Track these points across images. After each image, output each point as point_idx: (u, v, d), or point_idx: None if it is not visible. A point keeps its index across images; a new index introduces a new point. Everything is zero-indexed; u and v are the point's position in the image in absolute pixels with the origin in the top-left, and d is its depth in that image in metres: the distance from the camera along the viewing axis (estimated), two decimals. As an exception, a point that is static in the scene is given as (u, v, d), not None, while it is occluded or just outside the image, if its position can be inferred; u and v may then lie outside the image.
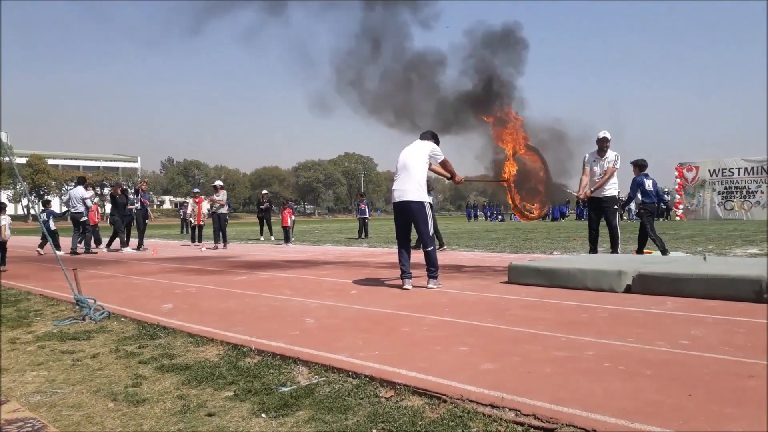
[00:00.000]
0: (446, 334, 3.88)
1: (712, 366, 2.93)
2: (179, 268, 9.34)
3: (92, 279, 7.72)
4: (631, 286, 5.44)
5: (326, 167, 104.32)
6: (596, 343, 3.50)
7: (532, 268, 6.26)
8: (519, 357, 3.21)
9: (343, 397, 2.68)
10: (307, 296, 5.78)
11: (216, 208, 15.04)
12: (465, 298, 5.52)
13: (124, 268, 9.51)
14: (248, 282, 7.16)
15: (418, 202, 6.14)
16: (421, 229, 6.22)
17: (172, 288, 6.74)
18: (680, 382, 2.66)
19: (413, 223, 6.26)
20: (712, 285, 4.97)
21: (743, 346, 3.31)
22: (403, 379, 2.82)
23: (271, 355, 3.45)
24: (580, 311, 4.60)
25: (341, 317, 4.62)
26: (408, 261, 6.30)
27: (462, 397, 2.55)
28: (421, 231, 6.23)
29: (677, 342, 3.46)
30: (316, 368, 3.14)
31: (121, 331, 4.42)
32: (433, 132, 6.66)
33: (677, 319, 4.17)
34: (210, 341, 3.90)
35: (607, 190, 7.88)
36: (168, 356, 3.58)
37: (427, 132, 6.62)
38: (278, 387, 2.86)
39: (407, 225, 6.34)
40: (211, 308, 5.22)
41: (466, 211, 55.73)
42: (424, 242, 6.23)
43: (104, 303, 5.15)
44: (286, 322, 4.44)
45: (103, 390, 2.94)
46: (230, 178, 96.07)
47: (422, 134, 6.59)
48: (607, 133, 7.95)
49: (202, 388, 2.91)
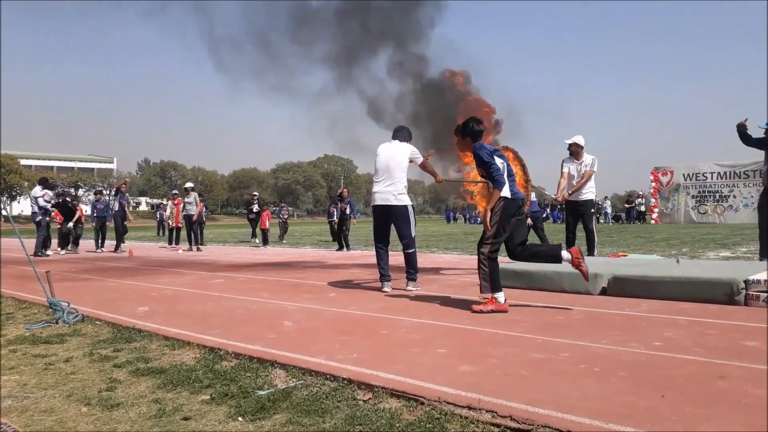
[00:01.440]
0: (424, 337, 3.89)
1: (685, 367, 2.98)
2: (156, 271, 9.23)
3: (66, 281, 7.59)
4: (607, 289, 5.51)
5: (305, 169, 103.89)
6: (572, 344, 3.54)
7: (509, 270, 6.30)
8: (496, 359, 3.23)
9: (321, 400, 2.68)
10: (285, 299, 5.75)
11: (187, 210, 14.97)
12: (443, 300, 5.54)
13: (100, 271, 9.37)
14: (226, 284, 7.10)
15: (402, 206, 6.17)
16: (403, 232, 6.23)
17: (148, 290, 6.66)
18: (654, 384, 2.71)
19: (396, 226, 6.28)
20: (685, 287, 5.06)
21: (715, 348, 3.38)
22: (381, 381, 2.82)
23: (248, 358, 3.43)
24: (557, 313, 4.65)
25: (319, 320, 4.61)
26: (387, 263, 6.30)
27: (439, 399, 2.56)
28: (403, 233, 6.24)
29: (651, 344, 3.51)
30: (294, 371, 3.13)
31: (96, 334, 4.35)
32: (406, 129, 6.64)
33: (651, 321, 4.23)
34: (186, 344, 3.86)
35: (585, 194, 7.97)
36: (143, 360, 3.53)
37: (403, 131, 6.57)
38: (255, 390, 2.84)
39: (387, 227, 6.36)
40: (188, 311, 5.17)
41: (445, 214, 55.96)
42: (406, 244, 6.25)
43: (78, 306, 5.06)
44: (263, 325, 4.41)
45: (76, 394, 2.89)
46: (208, 179, 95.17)
47: (398, 132, 6.53)
48: (577, 139, 8.01)
49: (178, 392, 2.88)
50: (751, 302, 4.73)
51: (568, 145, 8.05)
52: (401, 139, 6.48)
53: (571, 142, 8.00)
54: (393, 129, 6.67)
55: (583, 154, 8.00)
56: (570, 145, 8.02)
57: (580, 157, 8.00)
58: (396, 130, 6.59)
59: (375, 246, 6.42)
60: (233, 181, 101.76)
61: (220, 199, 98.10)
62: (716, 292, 4.89)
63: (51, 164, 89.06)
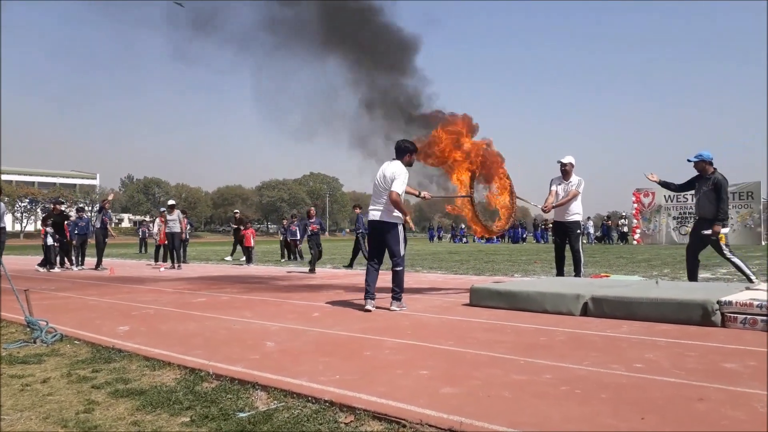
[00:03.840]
0: (408, 358, 3.89)
1: (665, 389, 3.01)
2: (137, 289, 9.13)
3: (46, 300, 7.47)
4: (588, 310, 5.56)
5: (290, 186, 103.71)
6: (554, 366, 3.56)
7: (493, 290, 6.34)
8: (479, 381, 3.24)
9: (302, 422, 2.66)
10: (268, 318, 5.72)
11: (169, 228, 14.81)
12: (427, 320, 5.54)
13: (80, 289, 9.24)
14: (208, 304, 7.04)
15: (391, 222, 6.25)
16: (392, 249, 6.28)
17: (129, 309, 6.58)
18: (634, 406, 2.73)
19: (386, 243, 6.33)
20: (663, 309, 5.12)
21: (694, 370, 3.41)
22: (363, 404, 2.81)
23: (230, 379, 3.40)
24: (539, 334, 4.67)
25: (302, 340, 4.58)
26: (373, 281, 6.35)
27: (421, 421, 2.55)
28: (392, 251, 6.29)
29: (632, 365, 3.54)
30: (275, 393, 3.10)
31: (74, 354, 4.29)
32: (406, 145, 6.52)
33: (632, 343, 4.27)
34: (167, 365, 3.82)
35: (572, 215, 8.08)
36: (122, 380, 3.48)
37: (400, 149, 6.48)
38: (236, 412, 2.81)
39: (380, 244, 6.42)
40: (170, 331, 5.11)
41: (428, 233, 56.01)
42: (395, 262, 6.29)
43: (57, 325, 4.99)
44: (245, 345, 4.38)
45: (53, 416, 2.85)
46: (191, 196, 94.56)
47: (397, 149, 6.49)
48: (569, 159, 8.18)
49: (158, 414, 2.85)
50: (728, 324, 4.79)
51: (563, 164, 8.17)
52: (400, 157, 6.45)
53: (567, 162, 8.14)
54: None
55: (572, 175, 8.14)
56: (565, 164, 8.15)
57: (569, 177, 8.13)
58: (396, 149, 6.54)
59: (367, 262, 6.53)
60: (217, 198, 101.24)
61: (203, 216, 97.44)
62: (693, 313, 4.95)
63: (32, 180, 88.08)
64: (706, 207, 7.54)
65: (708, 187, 7.49)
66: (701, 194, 7.58)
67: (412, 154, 6.56)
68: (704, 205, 7.57)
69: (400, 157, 6.45)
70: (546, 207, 8.17)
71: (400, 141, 6.62)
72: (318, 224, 14.31)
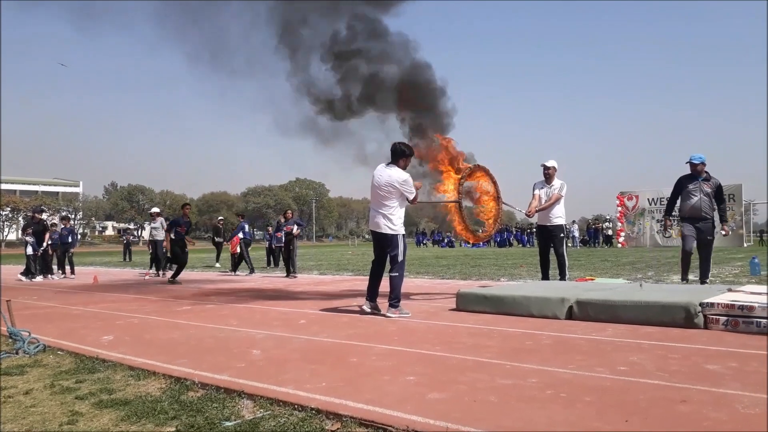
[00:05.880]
0: (394, 364, 3.89)
1: (648, 392, 3.04)
2: (121, 298, 9.04)
3: (28, 310, 7.38)
4: (573, 313, 5.60)
5: (276, 192, 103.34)
6: (539, 370, 3.59)
7: (479, 295, 6.37)
8: (465, 386, 3.25)
9: (289, 430, 2.65)
10: (254, 326, 5.69)
11: (153, 236, 14.76)
12: (414, 326, 5.55)
13: (63, 298, 9.14)
14: (193, 312, 6.99)
15: (391, 234, 6.28)
16: (391, 255, 6.33)
17: (113, 318, 6.52)
18: (618, 408, 2.76)
19: (386, 249, 6.38)
20: (647, 311, 5.18)
21: (677, 372, 3.45)
22: (350, 410, 2.81)
23: (216, 388, 3.38)
24: (525, 338, 4.70)
25: (289, 348, 4.57)
26: (375, 284, 6.44)
27: (408, 427, 2.56)
28: (391, 257, 6.33)
29: (616, 368, 3.58)
30: (262, 402, 3.09)
31: (57, 365, 4.24)
32: (403, 149, 6.43)
33: (616, 346, 4.31)
34: (152, 375, 3.79)
35: (555, 219, 8.14)
36: (107, 391, 3.45)
37: (398, 153, 6.37)
38: (222, 422, 2.80)
39: (382, 251, 6.46)
40: (154, 340, 5.07)
41: (415, 238, 56.05)
42: (393, 267, 6.31)
43: (40, 335, 4.93)
44: (231, 353, 4.36)
45: (36, 428, 2.81)
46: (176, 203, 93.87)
47: (393, 155, 6.39)
48: (552, 162, 8.27)
49: (143, 424, 2.82)
50: (711, 326, 4.86)
51: (547, 167, 8.24)
52: (396, 161, 6.38)
53: (551, 165, 8.23)
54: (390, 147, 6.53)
55: (555, 178, 8.22)
56: (549, 168, 8.23)
57: (552, 181, 8.21)
58: (392, 152, 6.42)
59: (371, 266, 6.59)
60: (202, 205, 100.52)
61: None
62: (676, 315, 5.01)
63: (14, 188, 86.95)
64: (708, 208, 7.80)
65: (711, 188, 7.81)
66: (701, 195, 7.80)
67: (408, 158, 6.52)
68: (706, 207, 7.80)
69: (396, 160, 6.38)
70: (530, 211, 8.25)
71: (397, 144, 6.48)
72: (294, 224, 13.92)
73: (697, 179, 7.85)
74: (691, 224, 7.94)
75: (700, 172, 7.86)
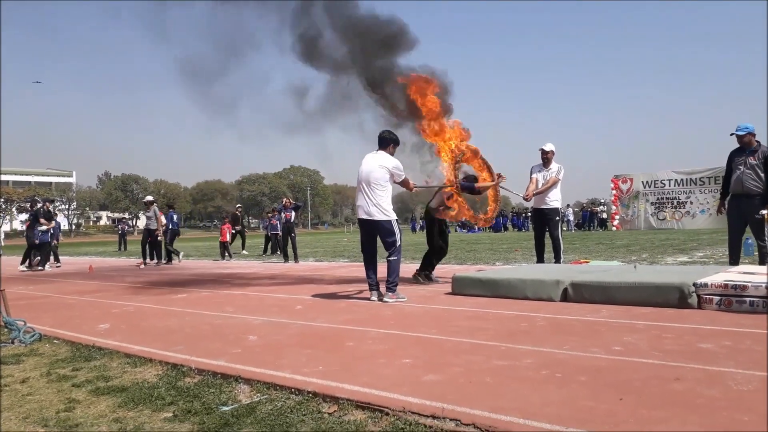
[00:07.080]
0: (390, 347, 3.91)
1: (643, 371, 3.07)
2: (117, 287, 9.03)
3: (23, 299, 7.37)
4: (568, 295, 5.62)
5: (271, 180, 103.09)
6: (534, 351, 3.61)
7: (475, 279, 6.39)
8: (460, 367, 3.27)
9: (286, 414, 2.66)
10: (249, 313, 5.70)
11: (147, 225, 14.84)
12: (410, 310, 5.57)
13: (58, 288, 9.12)
14: (189, 299, 6.99)
15: (385, 220, 6.23)
16: (387, 242, 6.29)
17: (109, 307, 6.51)
18: (613, 388, 2.78)
19: (380, 238, 6.35)
20: (641, 292, 5.20)
21: (671, 351, 3.48)
22: (346, 393, 2.83)
23: (212, 374, 3.39)
24: (520, 320, 4.72)
25: (285, 333, 4.58)
26: (373, 273, 6.39)
27: (404, 409, 2.57)
28: (387, 244, 6.29)
29: (611, 348, 3.60)
30: (258, 386, 3.10)
31: (54, 353, 4.24)
32: (391, 136, 6.55)
33: (611, 327, 4.33)
34: (148, 361, 3.79)
35: (550, 202, 8.15)
36: (103, 378, 3.46)
37: (386, 140, 6.47)
38: (219, 406, 2.81)
39: (372, 240, 6.41)
40: (150, 327, 5.08)
41: (411, 224, 56.11)
42: (390, 252, 6.28)
43: (35, 324, 4.93)
44: (227, 340, 4.36)
45: (33, 416, 2.82)
46: (170, 192, 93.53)
47: (381, 141, 6.47)
48: (551, 146, 8.27)
49: (140, 410, 2.83)
50: (704, 305, 4.89)
51: (545, 151, 8.24)
52: (384, 148, 6.43)
53: (549, 149, 8.23)
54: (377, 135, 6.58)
55: (552, 162, 8.23)
56: (547, 152, 8.23)
57: (549, 165, 8.21)
58: (379, 139, 6.50)
59: (363, 255, 6.53)
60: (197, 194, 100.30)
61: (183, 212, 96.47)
62: (669, 296, 5.04)
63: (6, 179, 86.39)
64: (753, 182, 6.79)
65: (757, 160, 6.73)
66: (744, 168, 6.81)
67: (395, 145, 6.55)
68: (749, 180, 6.80)
69: (384, 147, 6.43)
70: (527, 195, 8.25)
71: (384, 132, 6.58)
72: (291, 211, 14.29)
73: (745, 151, 6.86)
74: (735, 202, 7.03)
75: (747, 143, 6.86)
